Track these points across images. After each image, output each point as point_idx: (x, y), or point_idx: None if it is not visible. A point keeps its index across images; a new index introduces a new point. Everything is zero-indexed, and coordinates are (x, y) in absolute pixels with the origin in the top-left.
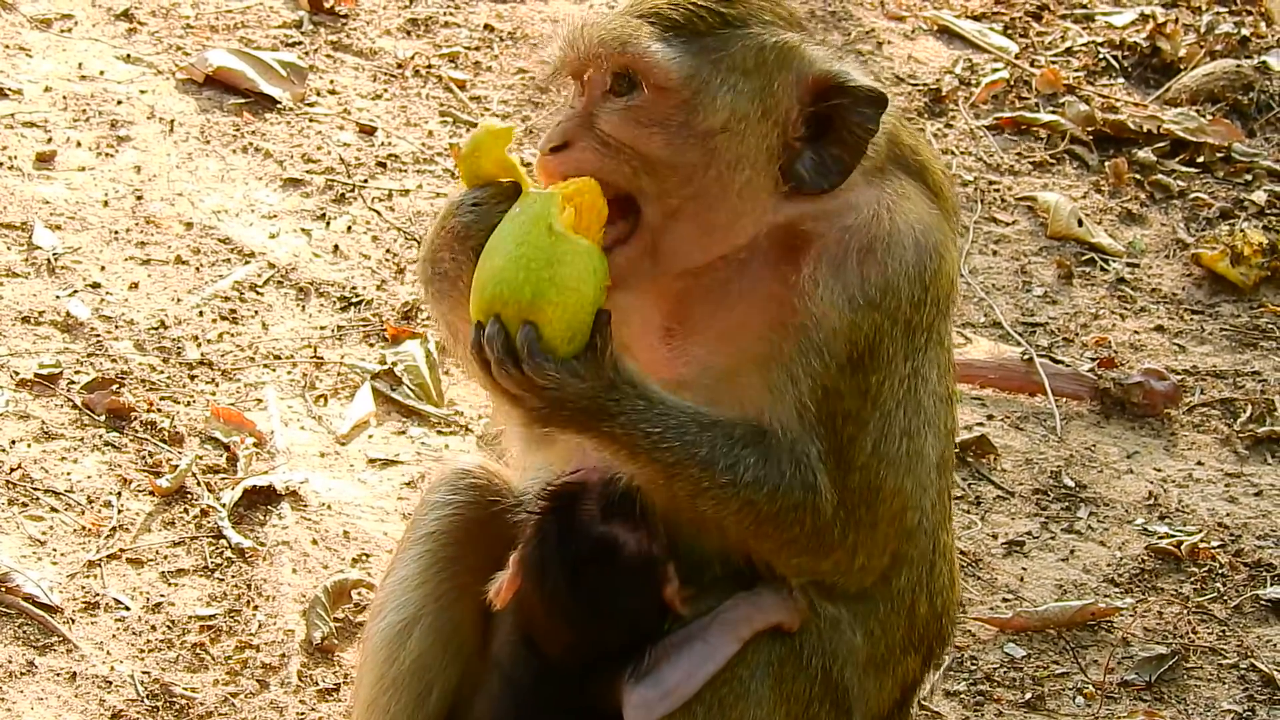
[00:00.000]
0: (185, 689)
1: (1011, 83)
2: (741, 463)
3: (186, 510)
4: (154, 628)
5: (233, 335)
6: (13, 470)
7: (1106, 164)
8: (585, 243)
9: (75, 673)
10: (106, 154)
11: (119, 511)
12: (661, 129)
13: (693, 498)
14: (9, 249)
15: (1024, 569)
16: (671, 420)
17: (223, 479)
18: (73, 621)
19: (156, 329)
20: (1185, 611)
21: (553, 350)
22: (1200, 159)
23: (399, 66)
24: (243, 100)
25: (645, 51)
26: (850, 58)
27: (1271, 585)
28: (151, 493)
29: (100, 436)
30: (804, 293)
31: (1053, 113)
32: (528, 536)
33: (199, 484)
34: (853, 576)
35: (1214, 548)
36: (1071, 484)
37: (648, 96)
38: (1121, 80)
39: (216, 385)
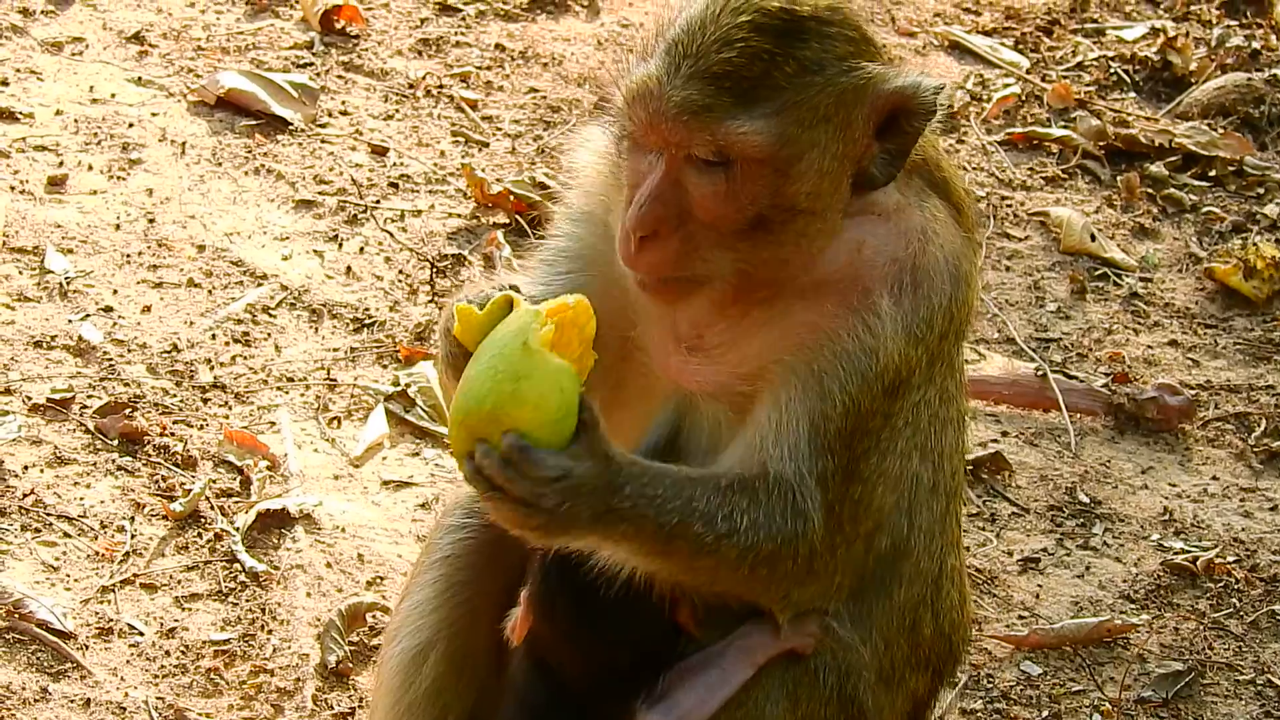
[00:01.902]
0: (200, 714)
1: (1023, 98)
2: (736, 509)
3: (200, 534)
4: (168, 653)
5: (245, 358)
6: (26, 496)
7: (1119, 178)
8: (557, 362)
9: (89, 699)
10: (118, 177)
11: (132, 536)
12: (754, 202)
13: (692, 557)
14: (21, 273)
15: (1039, 586)
16: (668, 480)
17: (236, 502)
18: (86, 647)
19: (169, 352)
20: (1201, 627)
21: (539, 443)
22: (1212, 172)
23: (410, 87)
24: (254, 122)
25: (734, 128)
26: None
27: None
28: (165, 517)
29: (113, 461)
30: (861, 319)
31: (1064, 127)
32: (533, 571)
33: (212, 508)
34: (830, 598)
35: (1229, 563)
36: (1086, 500)
37: (738, 171)
38: (1133, 94)
39: (229, 408)
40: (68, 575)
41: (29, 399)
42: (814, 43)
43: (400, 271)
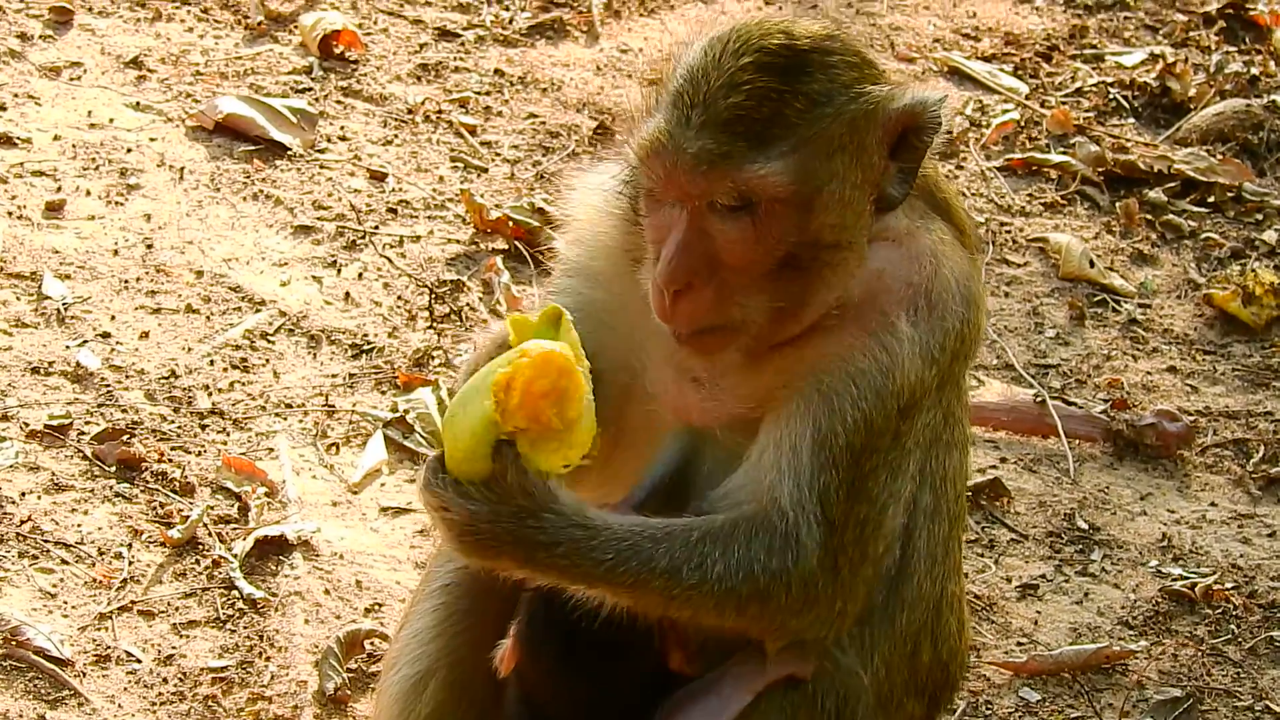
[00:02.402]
0: None
1: (1022, 124)
2: (707, 559)
3: (198, 561)
4: (166, 680)
5: (244, 384)
6: (23, 522)
7: (1118, 204)
8: (485, 406)
9: None
10: (116, 202)
11: (130, 563)
12: (781, 242)
13: (664, 605)
14: (18, 299)
15: (1038, 612)
16: (622, 544)
17: (234, 529)
18: (84, 675)
19: (167, 378)
20: (1200, 654)
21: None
22: (1211, 199)
23: (409, 112)
24: (253, 147)
25: (757, 174)
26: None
27: None
28: (163, 544)
29: (111, 487)
30: (879, 341)
31: (1063, 153)
32: (521, 608)
33: (210, 534)
34: (831, 625)
35: (1228, 589)
36: (1085, 526)
37: (764, 212)
38: (1132, 120)
39: (227, 435)
40: (65, 602)
41: (26, 425)
42: (819, 75)
43: (399, 297)
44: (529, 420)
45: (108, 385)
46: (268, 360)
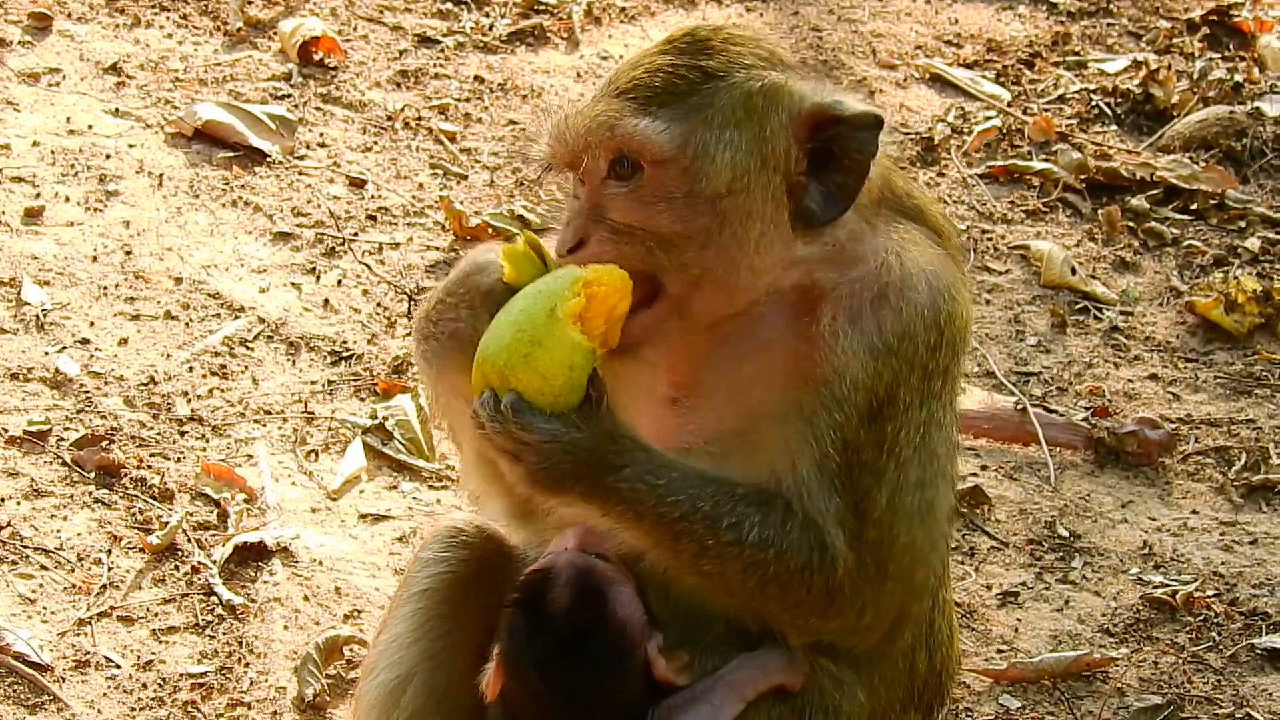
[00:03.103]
0: None
1: (1004, 131)
2: (746, 520)
3: (177, 567)
4: (145, 685)
5: (223, 391)
6: (2, 528)
7: (1100, 212)
8: (576, 337)
9: None
10: (95, 209)
11: (109, 569)
12: (668, 203)
13: (696, 557)
14: None
15: (1019, 620)
16: (675, 473)
17: (213, 535)
18: (63, 680)
19: (146, 385)
20: (1180, 661)
21: (540, 409)
22: (1194, 206)
23: (389, 119)
24: (232, 154)
25: (635, 130)
26: (839, 87)
27: (1267, 634)
28: (142, 550)
29: (90, 494)
30: (823, 346)
31: (1045, 161)
32: (500, 629)
33: (189, 541)
34: (858, 636)
35: (1209, 597)
36: (1066, 534)
37: (648, 174)
38: (1114, 127)
39: (207, 441)
40: (44, 608)
41: (5, 431)
42: (718, 55)
43: (378, 304)
44: (606, 344)
45: (87, 391)
46: (247, 367)
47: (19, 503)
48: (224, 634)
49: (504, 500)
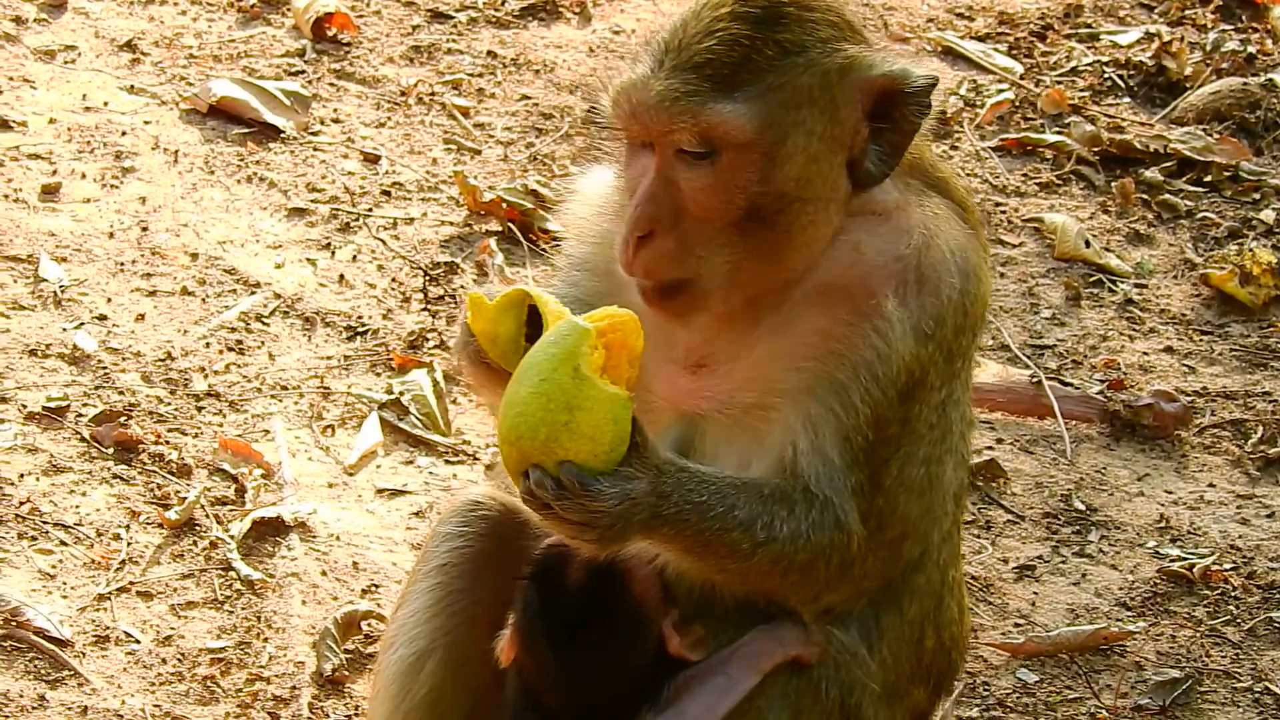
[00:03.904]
0: None
1: (1017, 103)
2: (775, 518)
3: (195, 542)
4: (164, 660)
5: (239, 366)
6: (21, 504)
7: (1113, 184)
8: (609, 390)
9: (86, 706)
10: (111, 185)
11: (128, 544)
12: (744, 190)
13: (724, 559)
14: (15, 282)
15: (1035, 593)
16: (711, 486)
17: (231, 511)
18: (83, 655)
19: (163, 360)
20: (1198, 635)
21: (594, 472)
22: (1208, 178)
23: (402, 94)
24: (247, 130)
25: (720, 115)
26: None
27: None
28: (160, 525)
29: (108, 469)
30: (872, 325)
31: (1058, 133)
32: (516, 602)
33: (207, 516)
34: (853, 601)
35: (1226, 570)
36: (1082, 507)
37: (727, 159)
38: (1127, 100)
39: (224, 416)
40: (64, 583)
41: (24, 407)
42: (794, 26)
43: (393, 279)
44: (631, 386)
45: (104, 367)
46: (263, 342)
47: (38, 479)
48: (242, 609)
49: None
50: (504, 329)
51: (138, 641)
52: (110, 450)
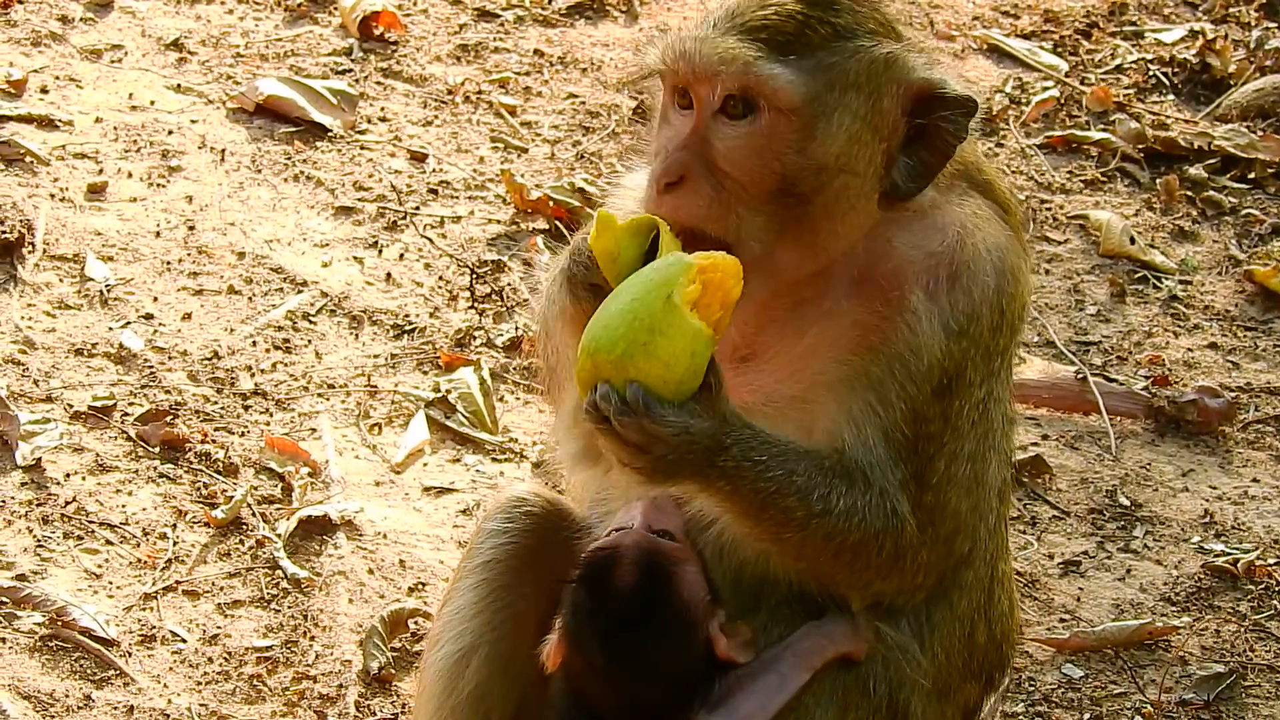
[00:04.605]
0: None
1: (1062, 101)
2: (834, 491)
3: (242, 541)
4: (211, 660)
5: (286, 365)
6: (68, 503)
7: (1158, 181)
8: (696, 324)
9: (133, 706)
10: (158, 184)
11: (174, 543)
12: (779, 158)
13: (781, 526)
14: (61, 281)
15: (1080, 589)
16: (774, 447)
17: (278, 509)
18: (129, 654)
19: (210, 359)
20: (1242, 629)
21: (661, 399)
22: (1251, 175)
23: (449, 93)
24: (293, 129)
25: (770, 73)
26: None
27: None
28: (207, 524)
29: (155, 468)
30: (899, 320)
31: (1103, 130)
32: (564, 604)
33: (254, 515)
34: (908, 595)
35: (1270, 565)
36: (1127, 503)
37: (766, 120)
38: (1172, 97)
39: (270, 415)
40: (110, 583)
41: (70, 407)
42: (846, 13)
43: (440, 278)
44: (720, 330)
45: (151, 367)
46: (310, 341)
47: (84, 478)
48: (289, 608)
49: (583, 443)
50: (628, 251)
51: (184, 641)
52: (156, 449)
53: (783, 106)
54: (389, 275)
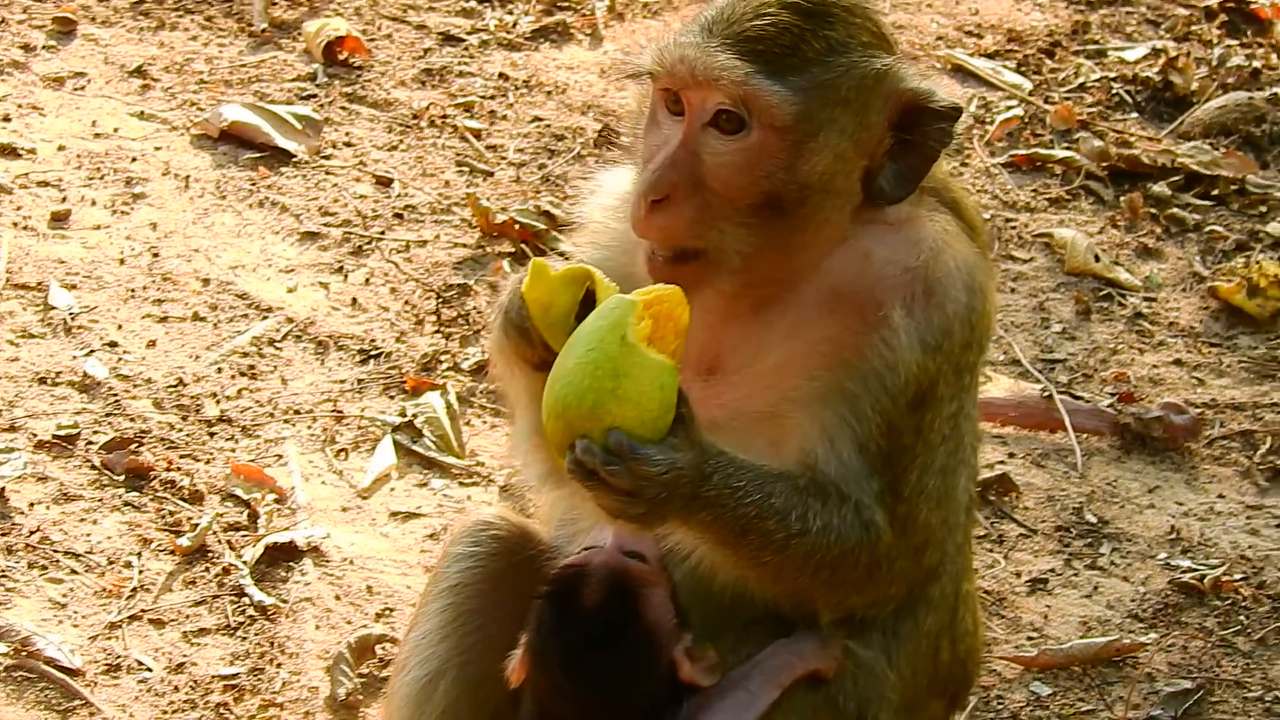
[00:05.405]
0: None
1: (1026, 120)
2: (810, 510)
3: (208, 569)
4: (177, 688)
5: (252, 391)
6: (32, 533)
7: (1122, 199)
8: (656, 357)
9: None
10: (122, 212)
11: (140, 572)
12: (768, 175)
13: (759, 550)
14: (25, 309)
15: (1048, 606)
16: (750, 473)
17: (244, 536)
18: (95, 684)
19: (175, 387)
20: (1209, 645)
21: (642, 439)
22: (1215, 192)
23: (414, 117)
24: (258, 154)
25: (765, 89)
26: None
27: None
28: (172, 552)
29: (120, 496)
30: (879, 335)
31: (1067, 149)
32: (530, 620)
33: (220, 542)
34: (880, 607)
35: (1237, 580)
36: (1094, 520)
37: (757, 136)
38: (1135, 115)
39: (236, 442)
40: (75, 612)
41: (34, 436)
42: (840, 26)
43: (406, 302)
44: (677, 359)
45: (115, 394)
46: (275, 367)
47: (48, 507)
48: (256, 635)
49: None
50: (560, 301)
51: (150, 669)
52: (121, 477)
53: (775, 124)
54: (354, 300)
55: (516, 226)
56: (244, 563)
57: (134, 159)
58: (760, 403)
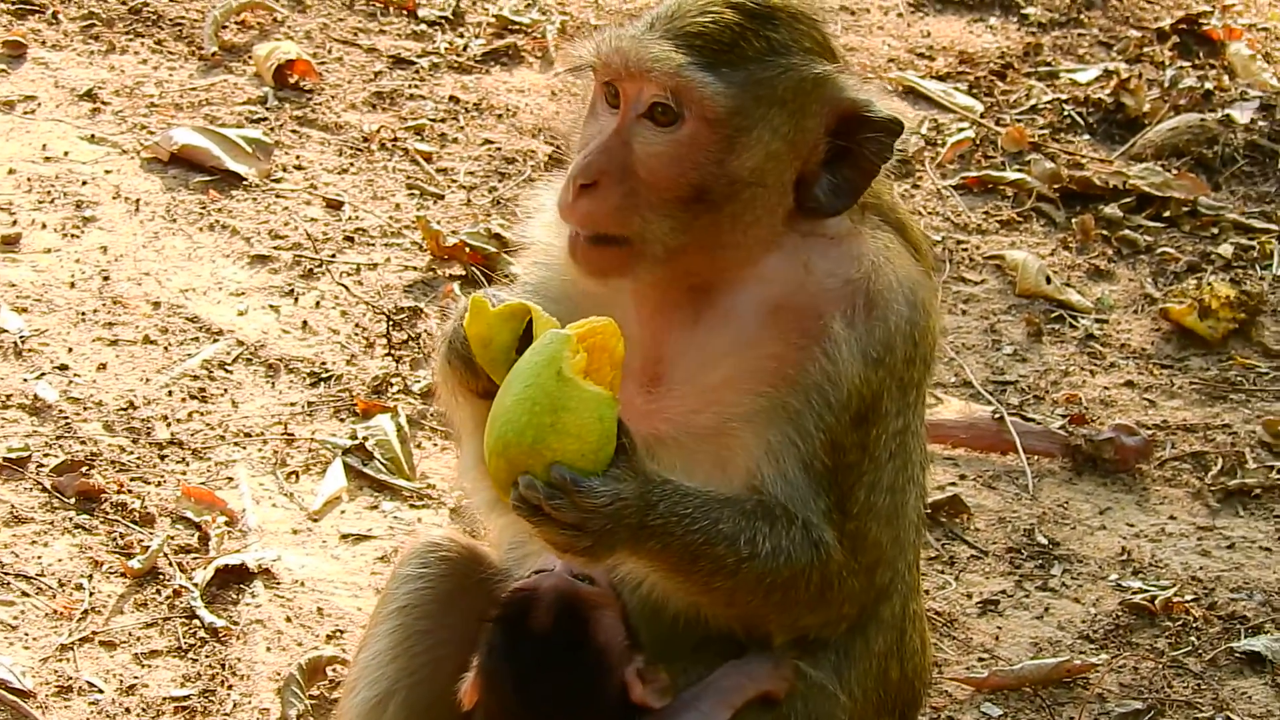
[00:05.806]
0: None
1: (977, 142)
2: (759, 533)
3: (159, 591)
4: (128, 710)
5: (202, 414)
6: None
7: (1073, 221)
8: (593, 389)
9: None
10: (72, 235)
11: (91, 594)
12: (697, 168)
13: (710, 575)
14: None
15: (999, 628)
16: (695, 499)
17: (195, 559)
18: (46, 707)
19: (125, 409)
20: (1160, 666)
21: (585, 472)
22: (1166, 213)
23: (365, 140)
24: (208, 178)
25: (700, 83)
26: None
27: (1245, 638)
28: (123, 574)
29: (70, 519)
30: (820, 348)
31: (1019, 171)
32: (481, 643)
33: (171, 564)
34: (833, 627)
35: (1188, 601)
36: (1045, 541)
37: (689, 128)
38: (1087, 136)
39: (187, 465)
40: (26, 634)
41: None
42: (784, 30)
43: (356, 325)
44: (614, 389)
45: (66, 417)
46: (226, 390)
47: None
48: (206, 657)
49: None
50: (500, 337)
51: (101, 691)
52: (72, 500)
53: (708, 116)
54: (305, 323)
55: (467, 249)
56: (195, 585)
57: (84, 182)
58: (705, 418)
